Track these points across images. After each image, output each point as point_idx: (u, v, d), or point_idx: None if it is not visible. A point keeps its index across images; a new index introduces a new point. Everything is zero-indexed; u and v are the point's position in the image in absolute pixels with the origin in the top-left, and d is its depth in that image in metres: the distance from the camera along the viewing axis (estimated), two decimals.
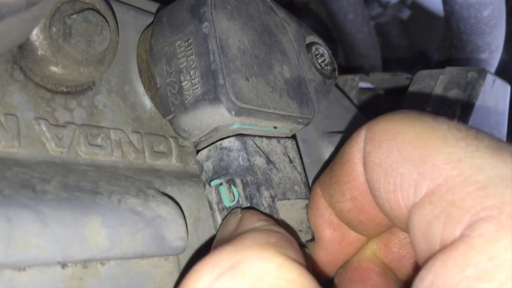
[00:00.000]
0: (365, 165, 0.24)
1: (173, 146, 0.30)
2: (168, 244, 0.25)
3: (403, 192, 0.21)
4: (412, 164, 0.21)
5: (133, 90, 0.30)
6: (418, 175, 0.20)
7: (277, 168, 0.28)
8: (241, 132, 0.28)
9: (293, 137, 0.32)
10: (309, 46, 0.34)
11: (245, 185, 0.27)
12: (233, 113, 0.26)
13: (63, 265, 0.22)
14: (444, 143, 0.20)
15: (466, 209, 0.18)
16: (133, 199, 0.24)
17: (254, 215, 0.24)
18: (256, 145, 0.28)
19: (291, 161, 0.30)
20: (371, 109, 0.52)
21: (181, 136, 0.29)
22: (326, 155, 0.38)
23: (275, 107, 0.29)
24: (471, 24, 0.50)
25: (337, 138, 0.38)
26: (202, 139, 0.29)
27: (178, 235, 0.25)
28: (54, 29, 0.24)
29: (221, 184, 0.27)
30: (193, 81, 0.27)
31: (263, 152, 0.28)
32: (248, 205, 0.26)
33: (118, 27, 0.28)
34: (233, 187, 0.27)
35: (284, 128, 0.31)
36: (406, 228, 0.21)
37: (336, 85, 0.49)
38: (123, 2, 0.31)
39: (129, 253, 0.23)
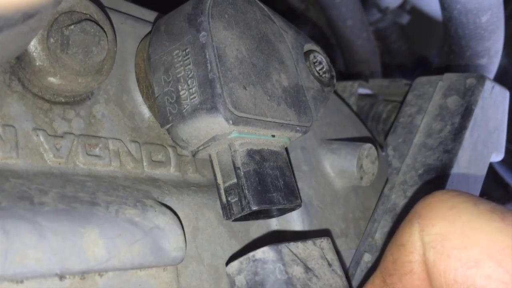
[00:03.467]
0: (431, 277, 0.22)
1: (171, 155, 0.30)
2: (166, 255, 0.24)
3: None
4: (502, 285, 0.19)
5: (131, 99, 0.30)
6: None
7: (316, 276, 0.26)
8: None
9: (289, 146, 0.32)
10: (307, 54, 0.34)
11: None
12: (231, 122, 0.26)
13: (61, 277, 0.21)
14: None
15: None
16: (131, 209, 0.24)
17: None
18: (292, 252, 0.26)
19: (329, 265, 0.28)
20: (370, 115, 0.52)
21: (179, 145, 0.29)
22: (325, 162, 0.38)
23: (273, 116, 0.29)
24: (470, 29, 0.50)
25: (336, 145, 0.38)
26: (200, 148, 0.29)
27: (176, 245, 0.25)
28: (52, 40, 0.24)
29: None
30: (190, 91, 0.27)
31: (300, 260, 0.26)
32: None
33: (116, 37, 0.28)
34: None
35: (282, 136, 0.31)
36: None
37: (335, 92, 0.49)
38: (121, 12, 0.31)
39: (127, 264, 0.23)
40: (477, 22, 0.49)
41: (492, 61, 0.53)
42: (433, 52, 1.04)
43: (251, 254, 0.25)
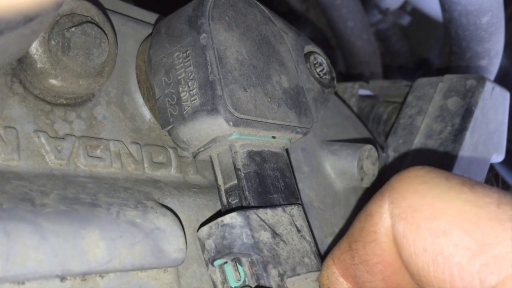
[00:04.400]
0: (400, 248, 0.22)
1: (172, 156, 0.30)
2: (167, 256, 0.25)
3: (464, 283, 0.19)
4: (469, 253, 0.19)
5: (132, 101, 0.30)
6: (482, 267, 0.19)
7: (284, 241, 0.27)
8: (238, 143, 0.28)
9: (290, 147, 0.32)
10: (307, 55, 0.34)
11: (251, 264, 0.25)
12: (231, 123, 0.26)
13: (62, 279, 0.22)
14: (500, 225, 0.19)
15: None
16: (132, 211, 0.24)
17: None
18: (260, 218, 0.26)
19: (298, 231, 0.28)
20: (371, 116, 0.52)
21: (180, 147, 0.29)
22: (326, 163, 0.38)
23: (273, 117, 0.29)
24: (470, 31, 0.50)
25: (337, 147, 0.38)
26: (201, 149, 0.29)
27: (177, 247, 0.25)
28: (53, 42, 0.24)
29: (225, 263, 0.26)
30: (191, 92, 0.27)
31: (268, 226, 0.26)
32: (256, 284, 0.25)
33: (116, 39, 0.28)
34: (239, 266, 0.26)
35: (283, 138, 0.31)
36: None
37: (336, 93, 0.49)
38: (122, 14, 0.31)
39: (127, 266, 0.23)
40: (478, 23, 0.49)
41: (493, 62, 0.53)
42: (433, 53, 1.04)
43: (220, 219, 0.26)
